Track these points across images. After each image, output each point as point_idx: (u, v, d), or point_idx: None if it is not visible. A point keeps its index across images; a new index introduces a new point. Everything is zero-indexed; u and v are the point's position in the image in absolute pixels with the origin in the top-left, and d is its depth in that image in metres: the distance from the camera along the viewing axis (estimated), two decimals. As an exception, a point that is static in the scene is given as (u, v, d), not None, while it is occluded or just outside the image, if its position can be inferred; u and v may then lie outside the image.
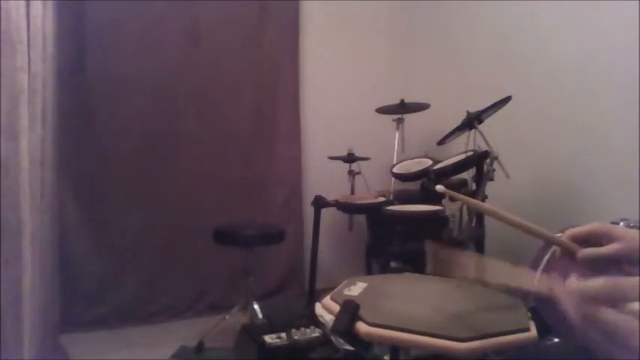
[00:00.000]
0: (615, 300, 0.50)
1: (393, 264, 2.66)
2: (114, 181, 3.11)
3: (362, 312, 1.05)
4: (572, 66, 2.72)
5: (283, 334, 2.05)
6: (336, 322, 1.05)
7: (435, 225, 2.61)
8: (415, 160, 2.99)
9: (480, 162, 2.53)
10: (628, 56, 2.40)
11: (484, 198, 2.52)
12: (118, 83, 3.09)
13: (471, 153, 2.59)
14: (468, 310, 1.14)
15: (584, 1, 2.65)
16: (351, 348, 1.73)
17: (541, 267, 0.67)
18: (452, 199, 2.73)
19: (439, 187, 1.03)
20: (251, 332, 2.14)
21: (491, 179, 2.51)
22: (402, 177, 2.92)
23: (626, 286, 0.50)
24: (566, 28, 2.76)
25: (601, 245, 0.66)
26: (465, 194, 2.61)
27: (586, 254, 0.65)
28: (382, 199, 2.91)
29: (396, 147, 3.18)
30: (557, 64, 2.81)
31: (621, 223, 1.92)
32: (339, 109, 3.72)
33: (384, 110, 3.22)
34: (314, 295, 2.86)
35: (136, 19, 3.11)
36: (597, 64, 2.59)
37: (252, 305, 2.81)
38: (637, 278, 0.49)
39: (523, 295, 0.74)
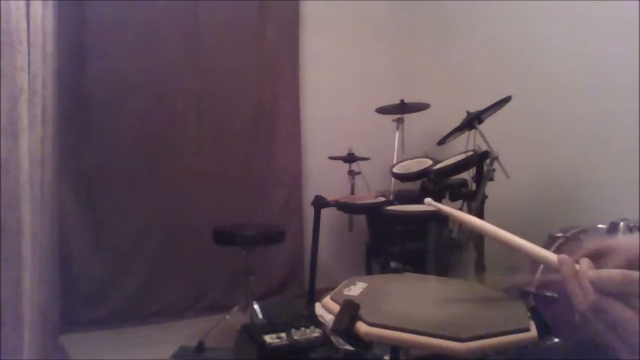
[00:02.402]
0: (629, 294, 0.49)
1: (393, 264, 2.66)
2: (114, 181, 3.11)
3: (362, 312, 1.05)
4: (572, 66, 2.72)
5: (283, 334, 2.05)
6: (336, 322, 1.05)
7: (434, 225, 2.61)
8: (415, 160, 2.99)
9: (480, 162, 2.53)
10: (628, 56, 2.40)
11: (484, 198, 2.52)
12: (118, 83, 3.09)
13: (471, 153, 2.59)
14: (468, 310, 1.14)
15: (584, 1, 2.65)
16: (351, 348, 1.73)
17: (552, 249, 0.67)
18: (452, 199, 2.74)
19: (427, 200, 1.04)
20: (251, 332, 2.14)
21: (491, 179, 2.51)
22: (402, 177, 2.93)
23: None
24: (566, 28, 2.76)
25: (600, 260, 0.65)
26: (464, 194, 2.62)
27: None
28: (382, 199, 2.91)
29: (396, 147, 3.19)
30: (557, 64, 2.81)
31: (621, 223, 1.92)
32: (339, 109, 3.72)
33: (384, 110, 3.23)
34: (314, 295, 2.86)
35: (136, 18, 3.11)
36: (597, 64, 2.59)
37: (252, 305, 2.81)
38: None
39: (528, 258, 0.73)
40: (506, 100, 2.61)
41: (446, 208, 0.99)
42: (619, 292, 0.50)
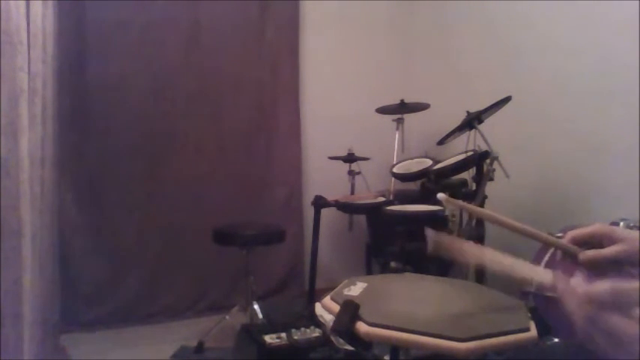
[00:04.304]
0: (621, 305, 0.50)
1: (393, 264, 2.66)
2: (114, 181, 3.11)
3: (362, 312, 1.05)
4: (572, 66, 2.72)
5: (283, 334, 2.05)
6: (336, 322, 1.05)
7: (435, 225, 2.61)
8: (415, 160, 2.99)
9: (480, 162, 2.53)
10: (628, 56, 2.40)
11: (484, 198, 2.52)
12: (118, 83, 3.09)
13: (471, 153, 2.59)
14: (468, 310, 1.14)
15: (585, 0, 2.65)
16: (351, 348, 1.73)
17: (544, 261, 0.67)
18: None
19: (441, 196, 1.01)
20: (251, 332, 2.14)
21: (491, 179, 2.51)
22: (402, 177, 2.92)
23: (632, 291, 0.50)
24: (566, 28, 2.76)
25: (602, 247, 0.65)
26: (464, 194, 2.62)
27: (587, 256, 0.65)
28: (382, 199, 2.91)
29: (396, 147, 3.18)
30: (557, 64, 2.81)
31: (621, 223, 1.92)
32: (339, 109, 3.72)
33: (384, 110, 3.22)
34: (314, 295, 2.86)
35: (136, 19, 3.11)
36: (597, 64, 2.59)
37: (252, 305, 2.81)
38: None
39: (524, 283, 0.73)
40: (506, 100, 2.62)
41: (462, 203, 0.96)
42: (610, 304, 0.50)
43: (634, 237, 0.63)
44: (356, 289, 1.23)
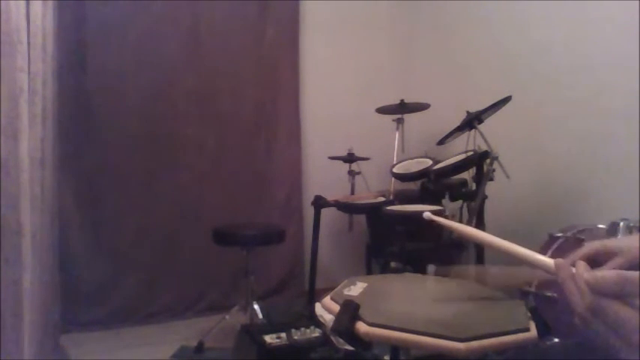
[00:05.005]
0: (627, 294, 0.49)
1: (393, 264, 2.66)
2: (114, 182, 3.11)
3: (362, 312, 1.05)
4: (572, 66, 2.72)
5: (283, 334, 2.05)
6: (336, 322, 1.05)
7: (434, 225, 2.60)
8: (415, 160, 2.99)
9: (480, 162, 2.53)
10: (628, 56, 2.40)
11: (484, 198, 2.52)
12: (118, 83, 3.09)
13: (471, 153, 2.59)
14: (468, 310, 1.14)
15: (584, 1, 2.65)
16: (351, 348, 1.73)
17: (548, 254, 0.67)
18: (452, 199, 2.74)
19: (426, 215, 1.05)
20: (251, 332, 2.14)
21: (491, 179, 2.51)
22: (402, 177, 2.92)
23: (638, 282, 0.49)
24: (566, 28, 2.76)
25: (601, 263, 0.65)
26: (464, 194, 2.62)
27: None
28: (382, 199, 2.91)
29: (396, 147, 3.19)
30: (557, 63, 2.81)
31: (621, 223, 1.92)
32: (339, 109, 3.72)
33: (384, 110, 3.23)
34: (314, 295, 2.86)
35: (136, 18, 3.11)
36: (597, 64, 2.59)
37: (252, 305, 2.81)
38: None
39: (524, 262, 0.73)
40: (506, 100, 2.62)
41: (445, 221, 0.99)
42: (615, 292, 0.50)
43: (630, 245, 0.63)
44: (356, 289, 1.23)
